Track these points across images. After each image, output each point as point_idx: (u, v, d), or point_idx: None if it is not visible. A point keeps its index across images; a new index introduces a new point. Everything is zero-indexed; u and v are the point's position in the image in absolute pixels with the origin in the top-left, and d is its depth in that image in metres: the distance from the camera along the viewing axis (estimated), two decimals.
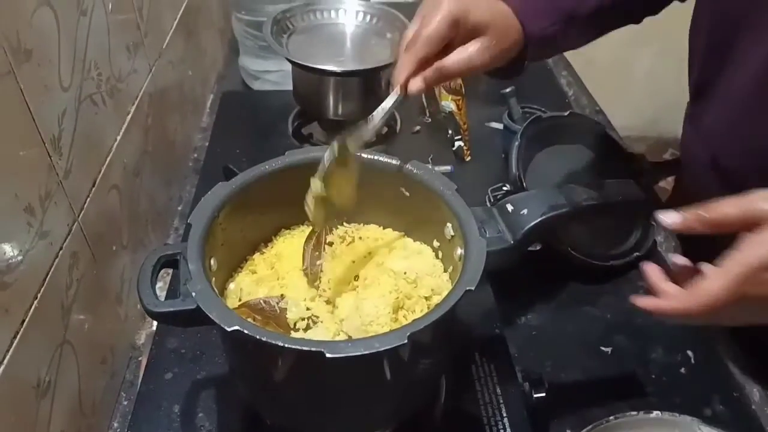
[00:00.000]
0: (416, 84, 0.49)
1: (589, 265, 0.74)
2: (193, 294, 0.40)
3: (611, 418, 0.58)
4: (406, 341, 0.37)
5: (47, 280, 0.50)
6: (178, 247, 0.46)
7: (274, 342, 0.37)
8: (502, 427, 0.52)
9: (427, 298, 0.49)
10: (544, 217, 0.47)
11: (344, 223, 0.58)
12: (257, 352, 0.42)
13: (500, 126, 0.98)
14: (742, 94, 0.60)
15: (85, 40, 0.59)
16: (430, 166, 0.53)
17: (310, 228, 0.56)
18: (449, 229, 0.50)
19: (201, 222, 0.46)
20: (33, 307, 0.48)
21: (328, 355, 0.36)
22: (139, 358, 0.65)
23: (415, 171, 0.52)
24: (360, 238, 0.56)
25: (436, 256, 0.54)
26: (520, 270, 0.75)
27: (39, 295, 0.49)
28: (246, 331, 0.38)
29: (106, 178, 0.62)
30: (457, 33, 0.49)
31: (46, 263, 0.51)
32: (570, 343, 0.68)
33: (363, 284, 0.51)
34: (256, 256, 0.55)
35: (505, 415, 0.53)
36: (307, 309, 0.49)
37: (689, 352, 0.67)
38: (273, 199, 0.53)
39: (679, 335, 0.69)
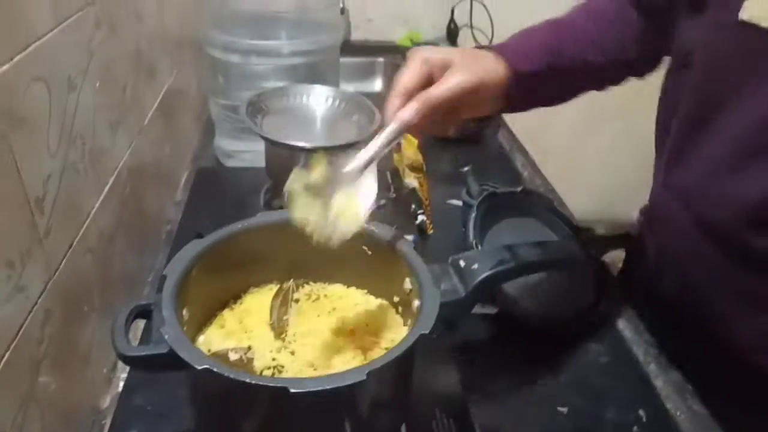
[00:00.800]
0: (407, 112, 0.55)
1: (543, 327, 0.78)
2: (166, 336, 0.43)
3: None
4: (365, 377, 0.40)
5: (21, 332, 0.52)
6: (152, 298, 0.49)
7: (241, 379, 0.40)
8: None
9: (388, 350, 0.52)
10: (491, 271, 0.51)
11: (310, 282, 0.61)
12: (225, 393, 0.44)
13: (459, 203, 1.04)
14: (726, 153, 0.62)
15: (73, 113, 0.64)
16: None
17: (278, 286, 0.60)
18: (407, 283, 0.54)
19: (175, 274, 0.49)
20: (5, 358, 0.49)
21: (292, 390, 0.39)
22: (103, 422, 0.65)
23: (376, 231, 0.57)
24: (325, 295, 0.60)
25: (397, 311, 0.57)
26: (477, 331, 0.80)
27: (11, 347, 0.50)
28: (215, 369, 0.40)
29: (82, 241, 0.65)
30: (433, 70, 0.57)
31: (21, 316, 0.52)
32: (528, 403, 0.71)
33: (326, 355, 0.53)
34: (226, 311, 0.57)
35: None
36: (273, 359, 0.51)
37: (641, 411, 0.70)
38: (244, 257, 0.57)
39: (631, 395, 0.72)
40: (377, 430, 0.49)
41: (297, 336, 0.54)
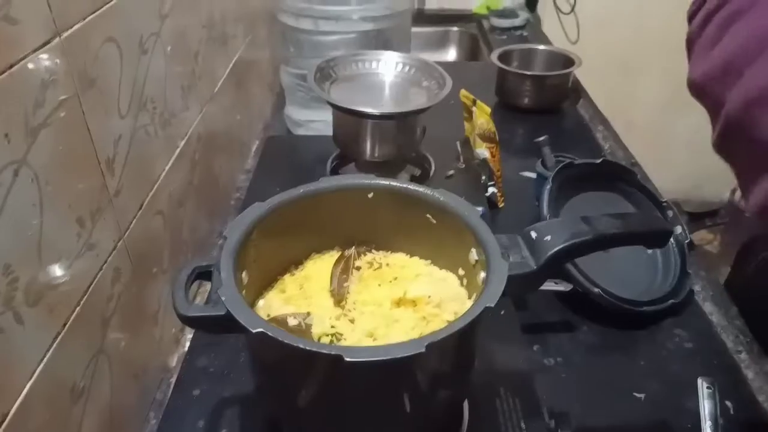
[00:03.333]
0: None
1: (621, 309, 0.73)
2: (223, 298, 0.42)
3: None
4: (423, 349, 0.38)
5: (91, 288, 0.53)
6: (213, 260, 0.49)
7: (295, 344, 0.39)
8: None
9: (450, 322, 0.50)
10: (566, 243, 0.47)
11: (372, 251, 0.59)
12: (279, 357, 0.43)
13: (533, 175, 0.99)
14: None
15: (144, 75, 0.64)
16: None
17: (340, 253, 0.59)
18: (473, 254, 0.51)
19: (235, 236, 0.49)
20: (76, 311, 0.51)
21: (346, 359, 0.37)
22: (170, 379, 0.67)
23: (442, 198, 0.54)
24: (387, 264, 0.57)
25: (461, 284, 0.54)
26: (550, 312, 0.76)
27: (82, 301, 0.52)
28: (270, 333, 0.39)
29: (152, 203, 0.66)
30: None
31: (91, 273, 0.54)
32: (600, 387, 0.67)
33: (385, 324, 0.51)
34: (286, 276, 0.57)
35: None
36: (332, 327, 0.50)
37: (728, 403, 0.64)
38: (306, 223, 0.56)
39: (718, 385, 0.66)
40: (437, 404, 0.47)
41: (357, 304, 0.52)
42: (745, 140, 0.44)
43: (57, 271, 0.48)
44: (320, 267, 0.57)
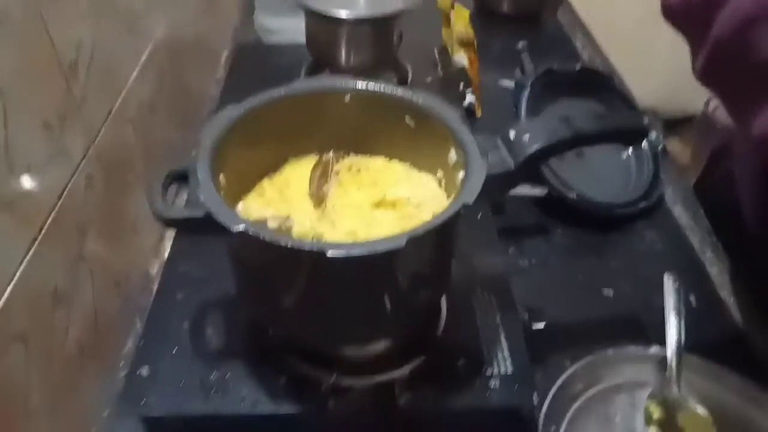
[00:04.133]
0: None
1: (595, 212, 0.75)
2: (201, 198, 0.42)
3: (609, 351, 0.59)
4: (404, 244, 0.39)
5: (64, 195, 0.52)
6: (188, 164, 0.48)
7: (277, 242, 0.39)
8: (501, 354, 0.54)
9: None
10: (545, 143, 0.47)
11: (351, 154, 0.59)
12: (261, 256, 0.43)
13: (512, 84, 0.98)
14: None
15: None
16: None
17: (318, 157, 0.58)
18: (452, 155, 0.51)
19: (210, 138, 0.48)
20: (51, 217, 0.50)
21: (329, 254, 0.38)
22: (152, 286, 0.67)
23: (420, 100, 0.53)
24: (366, 168, 0.57)
25: (440, 185, 0.55)
26: (525, 216, 0.77)
27: (57, 207, 0.51)
28: (251, 232, 0.39)
29: (121, 110, 0.64)
30: None
31: (63, 180, 0.53)
32: (572, 286, 0.69)
33: (366, 225, 0.51)
34: (265, 181, 0.56)
35: (504, 344, 0.54)
36: (313, 228, 0.50)
37: (691, 297, 0.68)
38: (282, 126, 0.55)
39: (683, 281, 0.69)
40: (416, 299, 0.48)
41: (337, 207, 0.52)
42: (741, 65, 0.40)
43: (28, 179, 0.47)
44: (299, 171, 0.57)
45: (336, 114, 0.56)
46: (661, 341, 0.58)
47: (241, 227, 0.40)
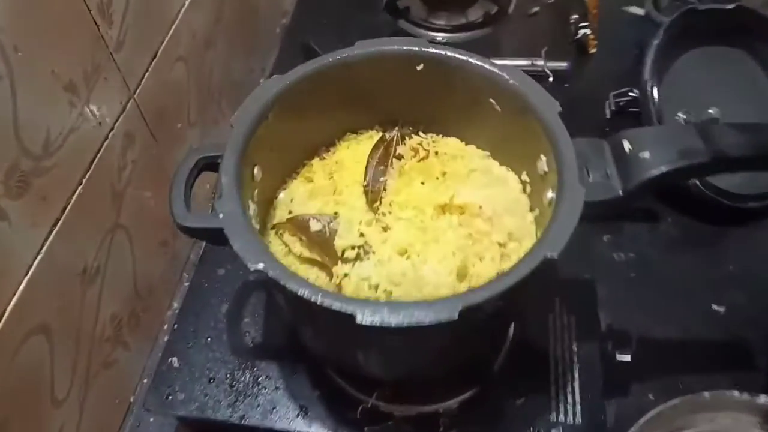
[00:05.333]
0: None
1: (718, 201, 0.60)
2: (220, 216, 0.35)
3: (705, 394, 0.49)
4: (456, 316, 0.30)
5: (94, 163, 0.47)
6: (223, 148, 0.40)
7: (299, 293, 0.31)
8: (571, 397, 0.45)
9: (501, 245, 0.41)
10: (670, 166, 0.35)
11: (420, 132, 0.49)
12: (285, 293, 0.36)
13: (641, 12, 0.80)
14: None
15: None
16: (541, 62, 0.41)
17: (380, 135, 0.48)
18: (543, 163, 0.40)
19: (244, 125, 0.39)
20: (77, 193, 0.45)
21: (358, 320, 0.30)
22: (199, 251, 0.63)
23: (511, 81, 0.41)
24: (436, 153, 0.47)
25: (523, 190, 0.44)
26: None
27: (84, 181, 0.46)
28: (270, 274, 0.32)
29: (169, 50, 0.56)
30: None
31: (94, 146, 0.47)
32: (673, 295, 0.58)
33: (423, 240, 0.42)
34: (315, 161, 0.48)
35: (577, 385, 0.46)
36: (361, 235, 0.42)
37: None
38: (337, 99, 0.45)
39: None
40: (470, 353, 0.40)
41: (393, 206, 0.44)
42: None
43: (45, 153, 0.41)
44: (355, 151, 0.48)
45: (404, 84, 0.45)
46: None
47: (260, 266, 0.32)
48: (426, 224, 0.42)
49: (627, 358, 0.49)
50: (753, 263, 0.60)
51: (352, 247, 0.41)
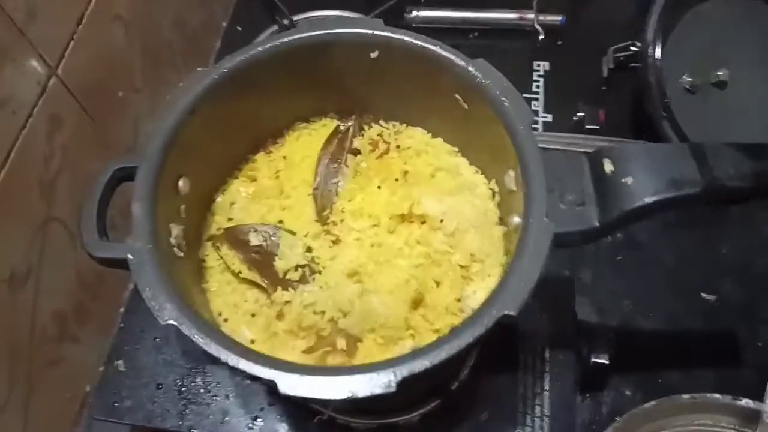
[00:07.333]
0: None
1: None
2: (129, 257, 0.30)
3: (686, 396, 0.46)
4: (393, 388, 0.26)
5: (11, 157, 0.41)
6: (137, 161, 0.34)
7: (213, 353, 0.27)
8: (540, 409, 0.42)
9: (463, 267, 0.36)
10: (656, 197, 0.30)
11: (381, 122, 0.43)
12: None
13: None
14: None
15: None
16: (532, 15, 0.34)
17: (335, 123, 0.43)
18: (511, 180, 0.35)
19: (161, 136, 0.34)
20: None
21: (281, 390, 0.27)
22: None
23: (478, 79, 0.35)
24: (398, 147, 0.41)
25: (492, 197, 0.39)
26: None
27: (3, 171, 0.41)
28: (183, 329, 0.28)
29: (100, 10, 0.49)
30: None
31: (8, 139, 0.41)
32: (660, 281, 0.54)
33: (376, 260, 0.37)
34: (260, 156, 0.42)
35: (546, 396, 0.43)
36: (308, 250, 0.37)
37: None
38: (283, 84, 0.39)
39: None
40: (426, 385, 0.37)
41: (346, 215, 0.39)
42: None
43: None
44: (306, 144, 0.42)
45: (359, 72, 0.39)
46: (763, 375, 0.44)
47: (170, 321, 0.28)
48: (380, 239, 0.37)
49: (604, 360, 0.45)
50: (749, 247, 0.56)
51: (296, 268, 0.37)
